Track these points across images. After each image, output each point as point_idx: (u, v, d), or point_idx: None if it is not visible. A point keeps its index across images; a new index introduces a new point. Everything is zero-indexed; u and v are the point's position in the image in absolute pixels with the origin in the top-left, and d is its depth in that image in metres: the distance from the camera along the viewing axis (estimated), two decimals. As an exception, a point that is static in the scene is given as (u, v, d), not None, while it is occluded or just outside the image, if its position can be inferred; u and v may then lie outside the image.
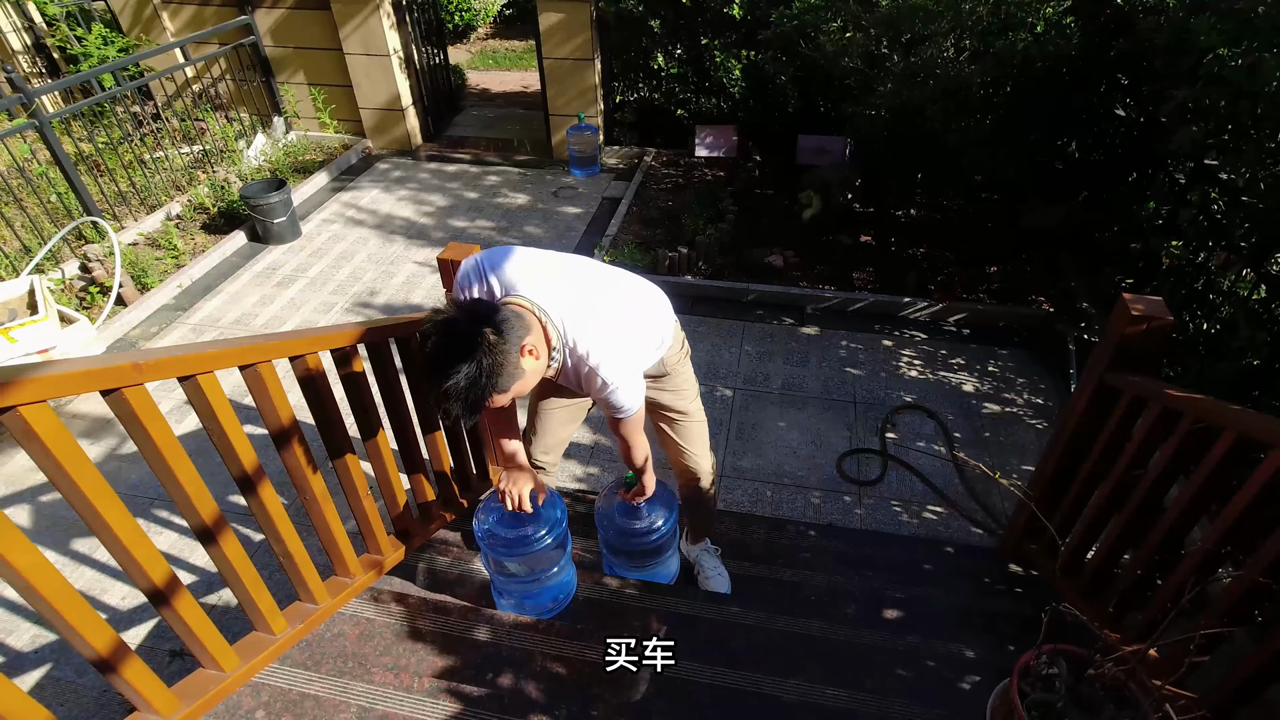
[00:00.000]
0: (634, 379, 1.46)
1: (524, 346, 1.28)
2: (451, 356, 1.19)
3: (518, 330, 1.27)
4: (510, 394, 1.30)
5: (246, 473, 1.30)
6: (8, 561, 0.93)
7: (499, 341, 1.21)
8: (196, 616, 1.26)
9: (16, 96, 3.77)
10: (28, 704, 1.00)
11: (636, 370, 1.49)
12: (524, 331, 1.29)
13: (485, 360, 1.19)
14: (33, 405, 0.90)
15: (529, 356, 1.30)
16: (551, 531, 1.72)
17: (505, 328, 1.24)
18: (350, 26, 5.10)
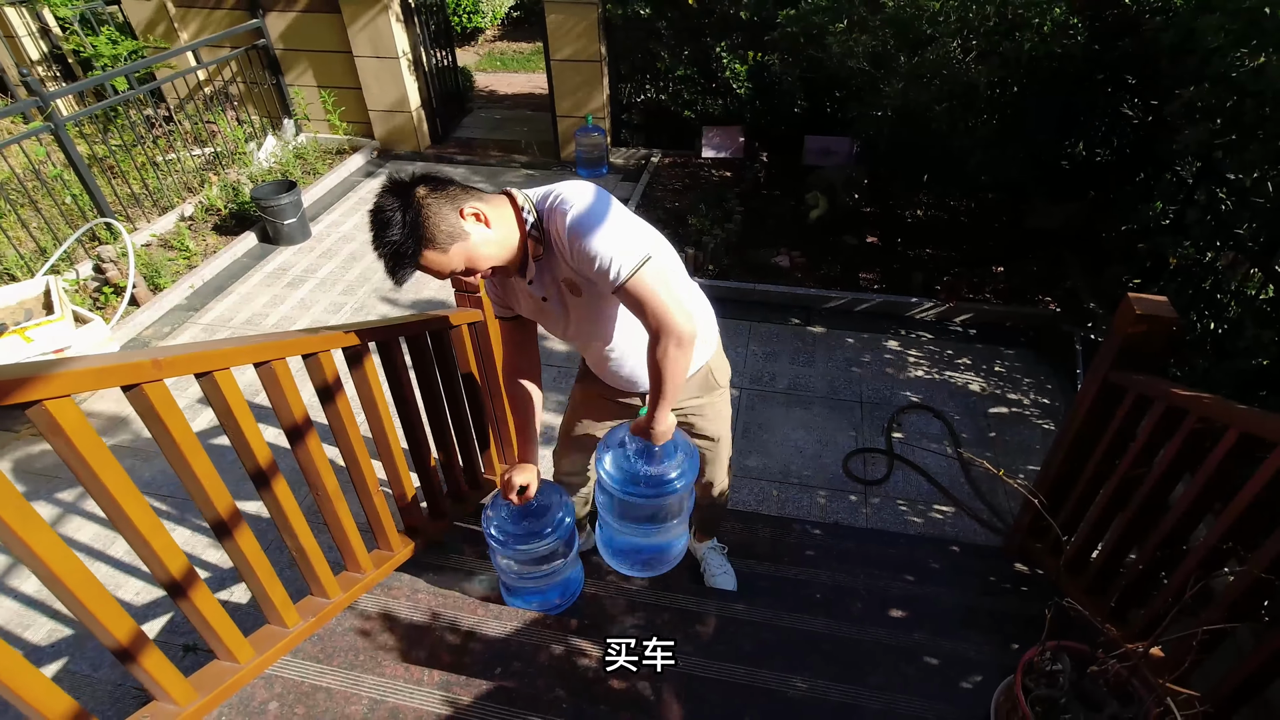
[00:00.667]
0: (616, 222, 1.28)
1: (464, 208, 1.24)
2: (383, 207, 1.20)
3: (461, 196, 1.26)
4: (453, 255, 1.24)
5: (261, 468, 1.33)
6: (34, 552, 0.95)
7: (428, 195, 1.22)
8: (212, 608, 1.29)
9: (33, 100, 3.83)
10: (52, 690, 1.02)
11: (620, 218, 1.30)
12: (470, 198, 1.26)
13: (410, 214, 1.19)
14: (58, 400, 0.93)
15: (473, 220, 1.25)
16: (557, 528, 1.73)
17: (439, 188, 1.24)
18: (359, 29, 5.14)
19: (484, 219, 1.27)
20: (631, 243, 1.26)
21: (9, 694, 0.99)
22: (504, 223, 1.31)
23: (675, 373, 1.36)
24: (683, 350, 1.32)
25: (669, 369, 1.35)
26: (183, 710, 1.26)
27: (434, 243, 1.22)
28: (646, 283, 1.26)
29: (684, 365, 1.35)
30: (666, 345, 1.31)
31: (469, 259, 1.27)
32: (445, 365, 1.93)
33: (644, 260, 1.26)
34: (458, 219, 1.24)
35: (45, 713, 1.02)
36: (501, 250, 1.31)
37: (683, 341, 1.31)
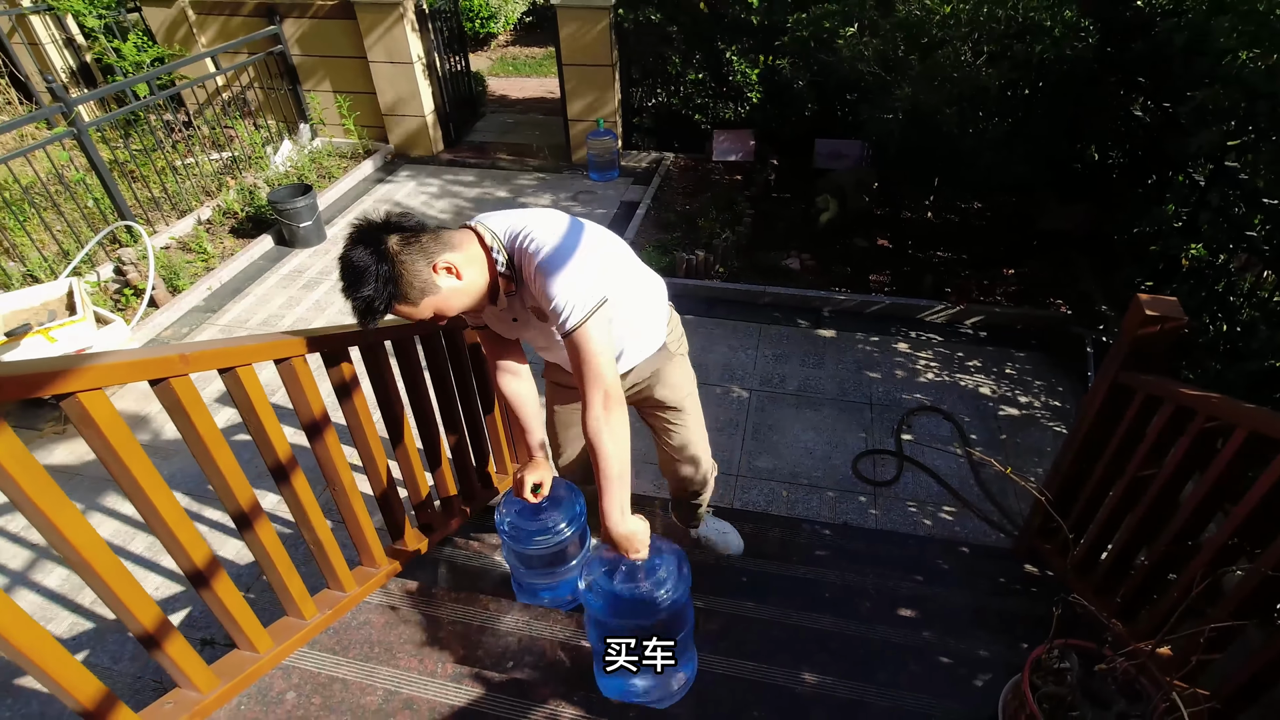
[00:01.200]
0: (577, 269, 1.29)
1: (436, 262, 1.25)
2: (354, 259, 1.19)
3: (432, 246, 1.25)
4: (425, 309, 1.27)
5: (281, 463, 1.36)
6: (67, 539, 0.99)
7: (401, 250, 1.21)
8: (234, 598, 1.32)
9: (57, 106, 3.91)
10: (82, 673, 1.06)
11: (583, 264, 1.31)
12: (441, 248, 1.26)
13: (381, 267, 1.19)
14: (90, 392, 0.97)
15: (445, 275, 1.26)
16: (571, 524, 1.75)
17: (414, 238, 1.24)
18: (375, 35, 5.21)
19: (455, 271, 1.28)
20: (586, 291, 1.27)
21: (43, 675, 1.02)
22: (474, 268, 1.32)
23: (611, 444, 1.26)
24: (611, 410, 1.26)
25: (603, 439, 1.25)
26: (204, 697, 1.30)
27: (406, 298, 1.24)
28: (589, 336, 1.27)
29: (620, 434, 1.27)
30: (594, 404, 1.26)
31: (438, 309, 1.30)
32: (458, 364, 1.96)
33: (593, 311, 1.27)
34: (430, 274, 1.25)
35: (76, 694, 1.06)
36: (470, 298, 1.34)
37: (610, 398, 1.27)
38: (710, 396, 3.16)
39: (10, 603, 0.96)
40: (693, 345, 3.53)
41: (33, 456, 0.93)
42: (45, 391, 0.90)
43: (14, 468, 0.90)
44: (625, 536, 1.30)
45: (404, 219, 1.27)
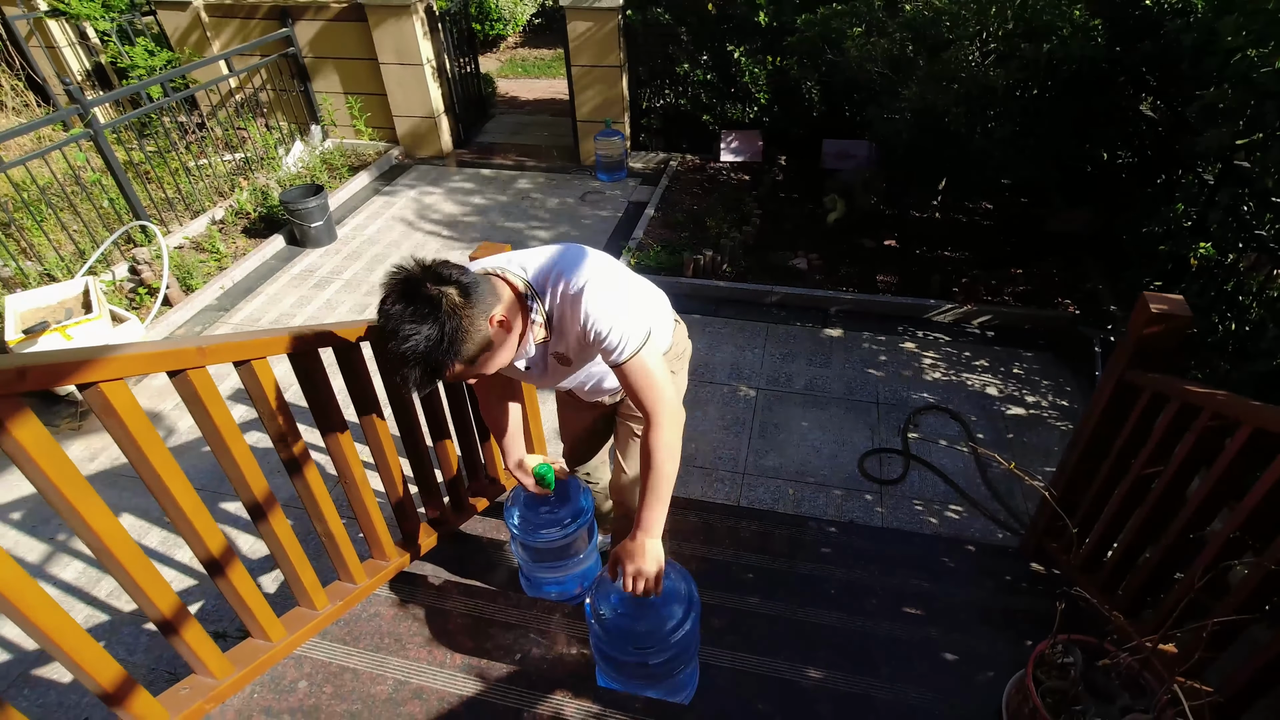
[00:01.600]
0: (620, 302, 1.26)
1: (493, 316, 1.18)
2: (410, 317, 1.08)
3: (487, 297, 1.17)
4: (477, 368, 1.20)
5: (294, 455, 1.39)
6: (90, 527, 1.02)
7: (464, 305, 1.12)
8: (248, 587, 1.35)
9: (74, 107, 3.97)
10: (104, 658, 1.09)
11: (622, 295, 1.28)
12: (494, 300, 1.19)
13: (448, 324, 1.10)
14: (112, 382, 1.00)
15: (499, 328, 1.19)
16: (578, 518, 1.78)
17: (473, 291, 1.14)
18: (385, 37, 5.26)
19: (507, 324, 1.21)
20: (637, 322, 1.26)
21: (66, 658, 1.05)
22: (516, 319, 1.25)
23: (670, 464, 1.30)
24: (677, 433, 1.30)
25: (665, 457, 1.29)
26: (219, 683, 1.33)
27: (465, 357, 1.15)
28: (647, 364, 1.27)
29: (677, 454, 1.31)
30: (661, 426, 1.28)
31: (486, 365, 1.22)
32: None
33: (645, 339, 1.27)
34: (488, 329, 1.17)
35: (97, 678, 1.09)
36: (511, 353, 1.27)
37: (677, 421, 1.30)
38: (717, 395, 3.18)
39: (36, 586, 0.99)
40: (700, 344, 3.58)
41: (59, 445, 0.96)
42: (70, 381, 0.93)
43: (41, 457, 0.93)
44: (648, 553, 1.30)
45: (456, 269, 1.17)
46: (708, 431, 3.03)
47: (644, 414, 1.30)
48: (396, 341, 1.08)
